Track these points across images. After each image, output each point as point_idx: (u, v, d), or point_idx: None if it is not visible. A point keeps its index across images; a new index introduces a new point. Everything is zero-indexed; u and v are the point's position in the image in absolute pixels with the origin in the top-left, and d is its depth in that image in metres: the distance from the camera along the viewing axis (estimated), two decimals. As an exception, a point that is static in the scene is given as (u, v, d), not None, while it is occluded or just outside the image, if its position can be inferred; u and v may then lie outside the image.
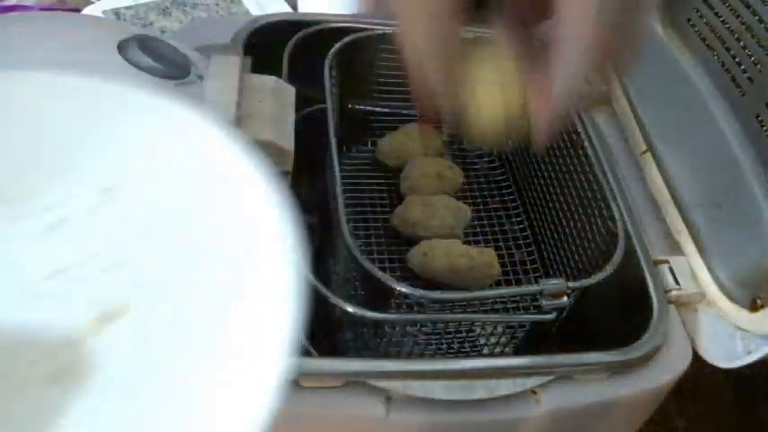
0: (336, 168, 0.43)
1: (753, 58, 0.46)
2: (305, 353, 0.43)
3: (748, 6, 0.46)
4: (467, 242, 0.53)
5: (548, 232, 0.52)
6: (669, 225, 0.46)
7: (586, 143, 0.47)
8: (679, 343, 0.41)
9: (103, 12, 0.72)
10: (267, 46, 0.51)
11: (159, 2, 0.75)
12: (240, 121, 0.41)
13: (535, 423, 0.37)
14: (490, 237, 0.55)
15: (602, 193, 0.45)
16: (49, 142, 0.23)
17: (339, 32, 0.53)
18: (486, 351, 0.47)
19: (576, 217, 0.48)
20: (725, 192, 0.46)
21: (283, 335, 0.18)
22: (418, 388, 0.36)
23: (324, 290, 0.38)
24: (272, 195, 0.22)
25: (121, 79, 0.38)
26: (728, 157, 0.47)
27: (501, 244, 0.55)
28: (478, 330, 0.48)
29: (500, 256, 0.52)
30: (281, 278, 0.20)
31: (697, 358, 0.41)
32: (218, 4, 0.77)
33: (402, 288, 0.38)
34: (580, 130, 0.48)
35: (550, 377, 0.37)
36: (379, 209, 0.55)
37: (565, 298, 0.40)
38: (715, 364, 0.41)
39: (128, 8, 0.73)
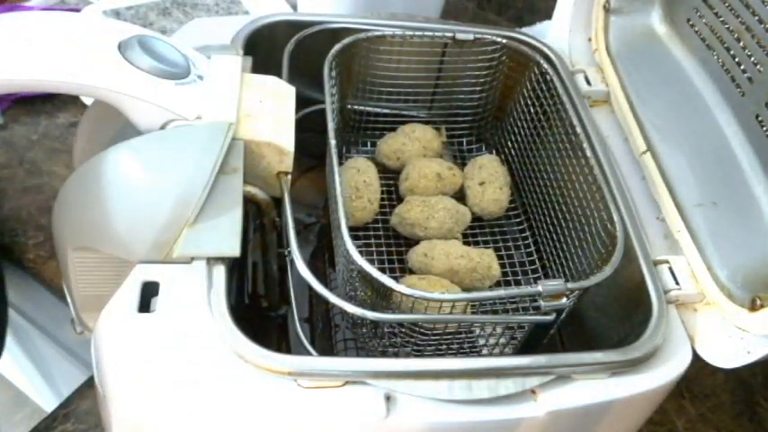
0: (336, 168, 0.43)
1: (753, 58, 0.46)
2: (305, 353, 0.43)
3: (748, 6, 0.46)
4: (466, 243, 0.53)
5: (547, 233, 0.52)
6: (669, 225, 0.46)
7: (586, 143, 0.47)
8: (679, 343, 0.41)
9: (103, 12, 0.72)
10: (267, 46, 0.51)
11: (159, 2, 0.75)
12: (240, 121, 0.41)
13: (535, 423, 0.37)
14: (489, 238, 0.55)
15: (601, 193, 0.45)
16: None
17: (339, 32, 0.53)
18: (485, 352, 0.47)
19: (576, 218, 0.48)
20: (725, 191, 0.46)
21: None
22: (418, 388, 0.36)
23: (324, 290, 0.38)
24: None
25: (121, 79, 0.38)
26: (728, 156, 0.47)
27: (500, 245, 0.55)
28: (478, 331, 0.48)
29: (500, 257, 0.52)
30: None
31: (697, 358, 0.41)
32: (218, 4, 0.77)
33: (402, 288, 0.38)
34: (580, 130, 0.48)
35: (550, 377, 0.37)
36: (378, 209, 0.55)
37: (564, 299, 0.39)
38: (715, 364, 0.41)
39: (128, 8, 0.73)
